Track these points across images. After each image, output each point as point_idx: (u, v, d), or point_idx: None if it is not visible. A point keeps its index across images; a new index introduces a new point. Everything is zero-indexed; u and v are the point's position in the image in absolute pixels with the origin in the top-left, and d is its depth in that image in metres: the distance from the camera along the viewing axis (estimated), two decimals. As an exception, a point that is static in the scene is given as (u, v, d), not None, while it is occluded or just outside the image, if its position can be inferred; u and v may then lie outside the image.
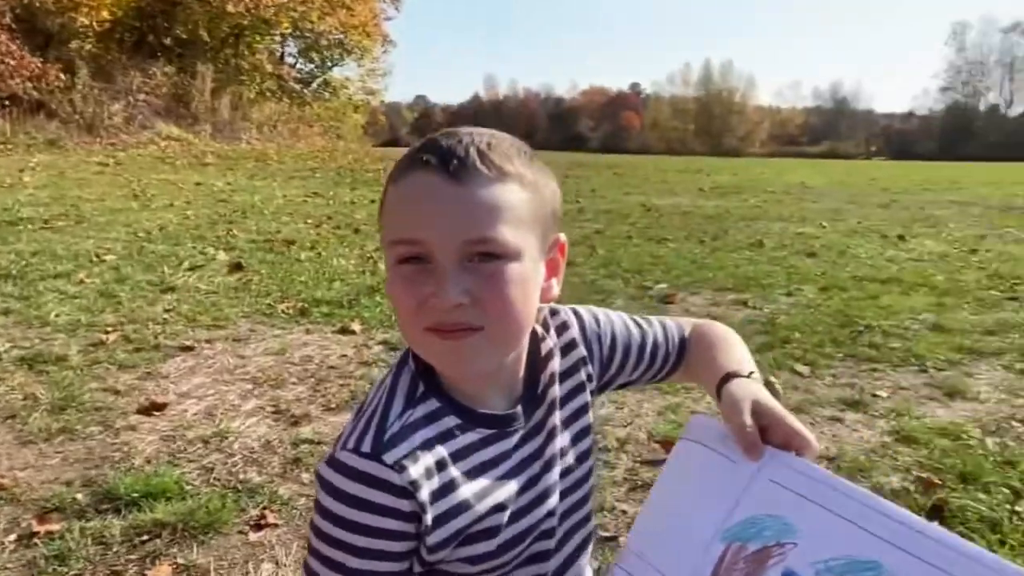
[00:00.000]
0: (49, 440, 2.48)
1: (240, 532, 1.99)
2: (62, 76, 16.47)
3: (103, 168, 13.36)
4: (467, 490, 0.77)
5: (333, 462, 0.75)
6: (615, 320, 0.97)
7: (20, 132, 15.62)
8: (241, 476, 2.28)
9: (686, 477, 0.79)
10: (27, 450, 2.41)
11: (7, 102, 15.74)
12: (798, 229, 8.49)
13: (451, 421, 0.78)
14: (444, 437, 0.77)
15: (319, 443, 2.52)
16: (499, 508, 0.79)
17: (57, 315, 3.84)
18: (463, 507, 0.77)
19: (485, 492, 0.79)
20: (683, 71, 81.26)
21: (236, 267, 5.25)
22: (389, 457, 0.73)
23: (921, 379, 3.38)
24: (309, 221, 8.01)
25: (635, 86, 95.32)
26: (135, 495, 2.08)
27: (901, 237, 7.85)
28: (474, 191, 0.72)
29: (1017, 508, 2.18)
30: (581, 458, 0.90)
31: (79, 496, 2.11)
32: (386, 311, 4.18)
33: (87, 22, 18.40)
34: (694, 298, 4.91)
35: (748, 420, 0.75)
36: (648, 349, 0.97)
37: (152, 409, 2.74)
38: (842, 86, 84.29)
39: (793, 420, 0.76)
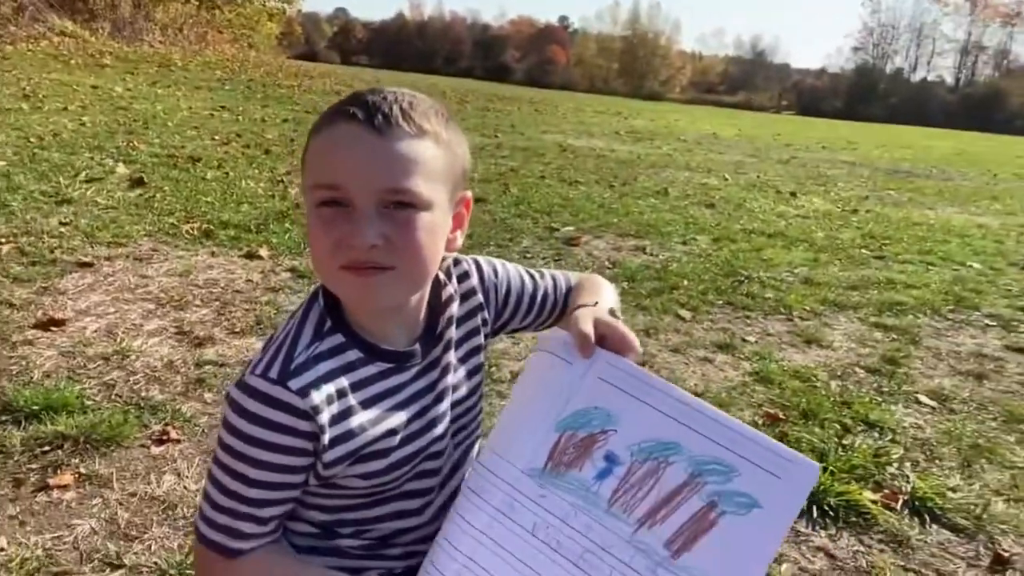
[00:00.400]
0: (-60, 352, 2.46)
1: (142, 446, 2.09)
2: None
3: (-14, 61, 12.31)
4: (363, 416, 0.88)
5: (242, 385, 0.84)
6: (511, 272, 1.09)
7: None
8: (143, 393, 2.36)
9: (533, 381, 0.92)
10: (-83, 361, 2.39)
11: None
12: (703, 180, 8.87)
13: (353, 355, 0.89)
14: (346, 369, 0.88)
15: (223, 365, 2.61)
16: (391, 433, 0.91)
17: (-59, 223, 3.69)
18: (358, 431, 0.88)
19: (379, 419, 0.90)
20: (612, 8, 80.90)
21: (137, 182, 5.09)
22: (294, 384, 0.83)
23: (786, 327, 3.74)
24: (216, 138, 7.74)
25: (563, 19, 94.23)
26: (35, 408, 2.13)
27: (793, 194, 8.35)
28: (394, 144, 0.80)
29: (844, 441, 2.53)
30: (473, 391, 1.04)
31: (-24, 408, 2.14)
32: (295, 238, 4.20)
33: None
34: (597, 242, 5.15)
35: (588, 327, 0.88)
36: (539, 300, 1.10)
37: (50, 324, 2.74)
38: (762, 38, 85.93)
39: (624, 328, 0.90)
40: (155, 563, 1.65)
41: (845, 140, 20.52)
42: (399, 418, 0.92)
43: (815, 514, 2.07)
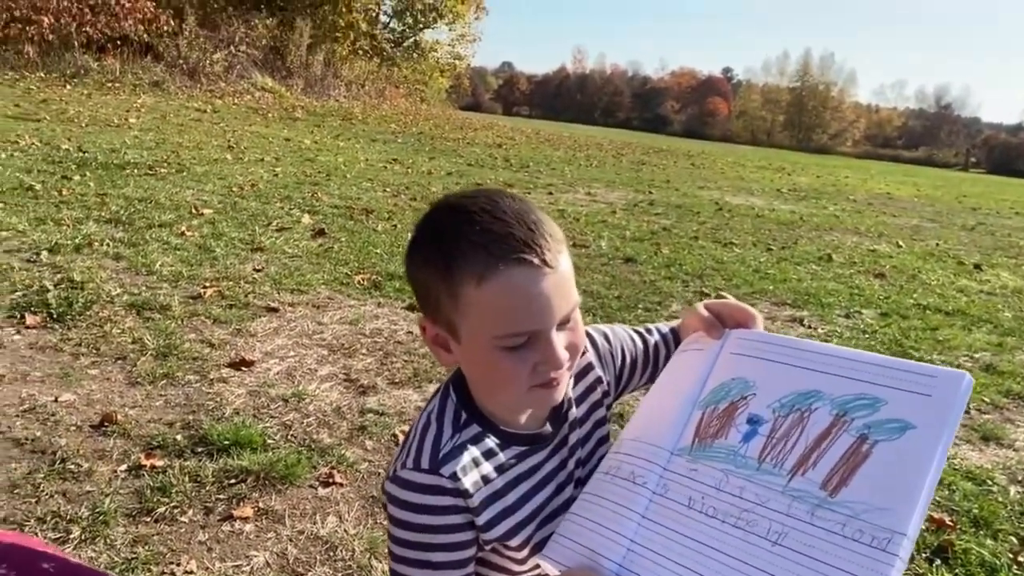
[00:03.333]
0: (154, 383, 2.85)
1: (311, 486, 2.30)
2: (171, 22, 17.25)
3: (201, 114, 14.07)
4: (509, 498, 0.95)
5: (397, 480, 0.90)
6: (622, 336, 1.13)
7: (128, 72, 16.52)
8: (314, 436, 2.60)
9: (671, 372, 0.98)
10: (135, 390, 2.79)
11: (119, 42, 16.65)
12: (872, 246, 8.38)
13: (491, 442, 0.94)
14: (487, 455, 0.94)
15: (383, 414, 2.82)
16: (535, 514, 0.97)
17: (161, 265, 4.26)
18: (507, 512, 0.95)
19: (523, 499, 0.97)
20: (780, 60, 78.68)
21: (319, 233, 5.61)
22: (446, 471, 0.89)
23: (961, 420, 3.44)
24: (387, 190, 8.36)
25: (727, 71, 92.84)
26: (226, 442, 2.41)
27: (978, 266, 7.67)
28: (560, 271, 0.85)
29: (1020, 558, 2.30)
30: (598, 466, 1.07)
31: (179, 438, 2.46)
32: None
33: (197, -30, 19.17)
34: (750, 309, 5.00)
35: (704, 311, 0.97)
36: (651, 355, 1.14)
37: (241, 364, 3.09)
38: (948, 90, 79.98)
39: (737, 302, 0.96)
40: (316, 601, 1.81)
41: (1043, 204, 18.53)
42: (540, 498, 0.98)
43: (983, 640, 1.90)
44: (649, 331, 1.16)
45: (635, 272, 5.65)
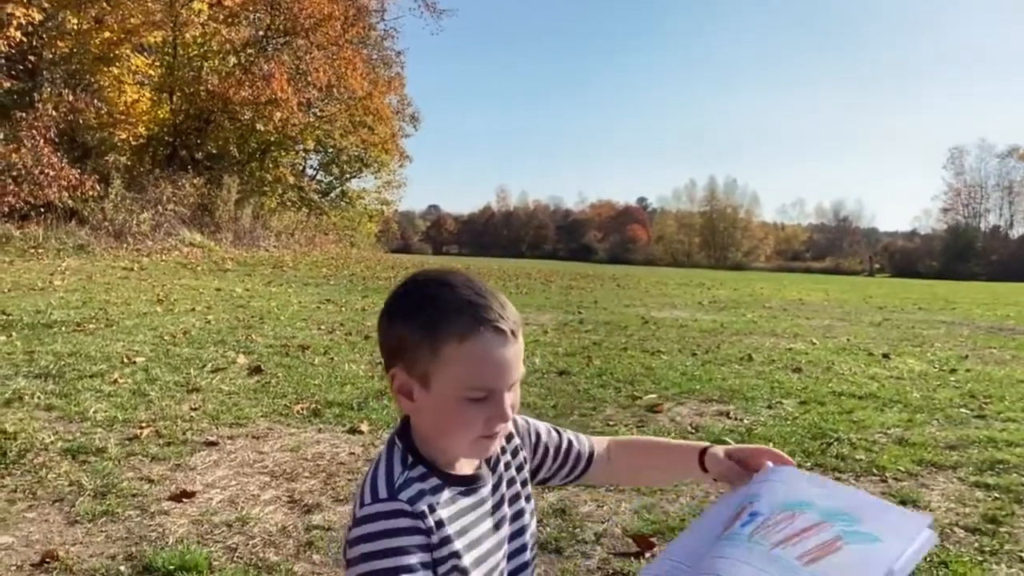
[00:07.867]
0: (94, 520, 2.82)
1: (260, 602, 2.31)
2: (97, 187, 17.45)
3: (128, 273, 14.04)
4: (450, 528, 1.08)
5: (361, 518, 1.01)
6: (538, 424, 1.35)
7: (52, 238, 16.45)
8: (261, 555, 2.61)
9: (707, 516, 1.16)
10: (75, 528, 2.75)
11: (42, 209, 16.67)
12: (789, 345, 8.88)
13: (435, 480, 1.09)
14: (433, 490, 1.07)
15: (329, 529, 2.85)
16: (472, 545, 1.10)
17: (95, 411, 4.23)
18: (451, 538, 1.07)
19: (462, 531, 1.10)
20: (688, 187, 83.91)
21: (255, 370, 5.66)
22: (403, 496, 1.03)
23: (879, 488, 3.68)
24: (322, 327, 8.48)
25: (642, 200, 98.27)
26: (171, 568, 2.41)
27: (886, 355, 8.21)
28: (519, 343, 1.08)
29: (941, 600, 2.47)
30: (519, 531, 1.22)
31: (122, 568, 2.44)
32: (391, 413, 4.54)
33: (124, 137, 19.70)
34: (680, 408, 5.25)
35: (727, 463, 1.21)
36: (563, 451, 1.34)
37: (182, 496, 3.09)
38: (844, 205, 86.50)
39: (757, 446, 1.20)
40: None
41: (943, 300, 19.96)
42: (475, 533, 1.12)
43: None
44: (564, 430, 1.38)
45: (569, 383, 5.86)
